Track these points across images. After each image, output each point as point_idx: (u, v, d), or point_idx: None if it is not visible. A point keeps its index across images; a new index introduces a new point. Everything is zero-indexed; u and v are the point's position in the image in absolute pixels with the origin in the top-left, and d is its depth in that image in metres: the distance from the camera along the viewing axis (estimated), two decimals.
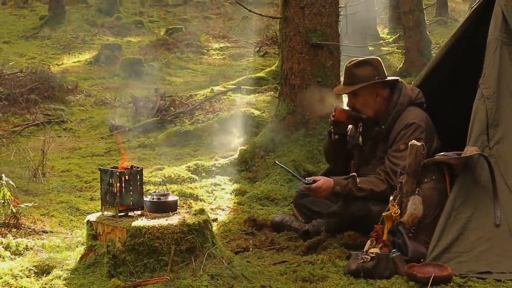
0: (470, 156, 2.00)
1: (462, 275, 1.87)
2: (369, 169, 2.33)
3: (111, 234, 1.86)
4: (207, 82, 6.46)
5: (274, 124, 3.38)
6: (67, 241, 2.31)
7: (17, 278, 1.86)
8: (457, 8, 12.00)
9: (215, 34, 9.89)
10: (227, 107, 4.96)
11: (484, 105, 2.09)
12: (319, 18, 3.25)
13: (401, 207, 2.00)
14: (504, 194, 2.01)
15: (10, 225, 2.39)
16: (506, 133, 2.08)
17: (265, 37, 8.68)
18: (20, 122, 4.90)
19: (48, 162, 3.52)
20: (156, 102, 5.11)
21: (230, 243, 2.32)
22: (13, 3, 12.75)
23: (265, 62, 7.52)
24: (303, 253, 2.20)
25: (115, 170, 1.94)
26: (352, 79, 2.29)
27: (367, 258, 1.90)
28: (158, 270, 1.80)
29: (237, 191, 3.06)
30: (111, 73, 6.84)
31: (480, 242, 1.93)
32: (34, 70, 5.96)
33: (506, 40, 2.17)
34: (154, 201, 1.96)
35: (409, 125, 2.23)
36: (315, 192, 2.26)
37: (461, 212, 1.97)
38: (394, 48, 8.12)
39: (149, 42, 8.84)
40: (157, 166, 3.55)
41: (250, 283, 1.83)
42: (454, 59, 2.45)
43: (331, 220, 2.30)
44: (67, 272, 1.88)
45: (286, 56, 3.35)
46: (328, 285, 1.87)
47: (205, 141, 4.16)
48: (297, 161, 3.13)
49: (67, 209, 2.80)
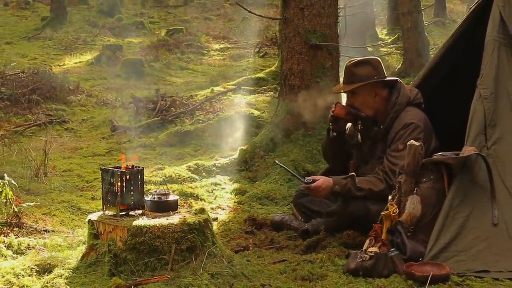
0: (468, 156, 2.02)
1: (460, 274, 1.88)
2: (368, 168, 2.34)
3: (112, 233, 1.87)
4: (208, 82, 6.48)
5: (273, 124, 3.40)
6: (68, 240, 2.32)
7: (19, 277, 1.87)
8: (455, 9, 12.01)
9: (215, 35, 9.91)
10: (227, 107, 4.98)
11: (482, 105, 2.11)
12: (319, 19, 3.26)
13: (399, 207, 2.02)
14: (501, 194, 2.02)
15: (12, 224, 2.41)
16: (503, 133, 2.09)
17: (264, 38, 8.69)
18: (22, 122, 4.92)
19: (49, 162, 3.54)
20: (156, 102, 5.14)
21: (230, 242, 2.34)
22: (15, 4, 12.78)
23: (264, 62, 7.53)
24: (302, 252, 2.21)
25: (116, 169, 1.95)
26: (351, 78, 2.31)
27: (366, 257, 1.91)
28: (159, 269, 1.81)
29: (237, 190, 3.07)
30: (112, 73, 6.86)
31: (477, 241, 1.94)
32: (36, 71, 5.99)
33: (503, 41, 2.19)
34: (155, 200, 1.98)
35: (407, 125, 2.24)
36: (314, 191, 2.28)
37: (459, 212, 1.98)
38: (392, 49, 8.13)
39: (150, 43, 8.86)
40: (158, 165, 3.57)
41: (250, 282, 1.85)
42: (452, 60, 2.46)
43: (330, 219, 2.31)
44: (69, 271, 1.89)
45: (286, 57, 3.37)
46: (327, 283, 1.88)
47: (206, 141, 4.18)
48: (297, 161, 3.14)
49: (69, 208, 2.82)
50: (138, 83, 6.51)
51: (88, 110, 5.44)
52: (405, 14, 6.36)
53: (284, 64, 3.40)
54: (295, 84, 3.31)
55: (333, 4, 3.33)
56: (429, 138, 2.27)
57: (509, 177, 2.04)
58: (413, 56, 6.28)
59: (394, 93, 2.32)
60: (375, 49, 7.75)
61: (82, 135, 4.75)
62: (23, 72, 5.98)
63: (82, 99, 5.71)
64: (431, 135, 2.29)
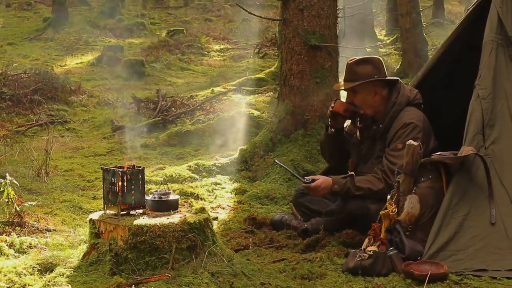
0: (466, 156, 2.03)
1: (458, 273, 1.90)
2: (367, 167, 2.35)
3: (113, 233, 1.88)
4: (208, 83, 6.49)
5: (273, 124, 3.41)
6: (70, 239, 2.34)
7: (20, 275, 1.88)
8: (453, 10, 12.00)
9: (215, 35, 9.93)
10: (227, 107, 4.99)
11: (480, 105, 2.12)
12: (318, 20, 3.28)
13: (398, 206, 2.02)
14: (499, 193, 2.03)
15: (14, 223, 2.42)
16: (501, 133, 2.10)
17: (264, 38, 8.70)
18: (24, 122, 4.93)
19: (51, 161, 3.55)
20: (157, 102, 5.15)
21: (230, 241, 2.35)
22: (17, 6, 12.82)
23: (264, 63, 7.54)
24: (302, 251, 2.22)
25: (118, 169, 1.97)
26: (352, 76, 2.32)
27: (365, 256, 1.93)
28: (160, 268, 1.82)
29: (237, 190, 3.09)
30: (113, 74, 6.88)
31: (476, 240, 1.95)
32: (38, 71, 6.00)
33: (501, 42, 2.20)
34: (156, 200, 1.99)
35: (406, 124, 2.26)
36: (314, 191, 2.29)
37: (457, 211, 1.99)
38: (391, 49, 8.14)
39: (150, 43, 8.88)
40: (159, 165, 3.58)
41: (250, 281, 1.86)
42: (451, 61, 2.47)
43: (330, 218, 2.32)
44: (70, 269, 1.91)
45: (285, 58, 3.38)
46: (326, 282, 1.89)
47: (206, 141, 4.19)
48: (296, 160, 3.15)
49: (70, 207, 2.83)
50: (139, 83, 6.54)
51: (89, 110, 5.46)
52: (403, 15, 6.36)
53: (283, 64, 3.41)
54: (295, 85, 3.32)
55: (332, 5, 3.34)
56: (428, 138, 2.28)
57: (506, 177, 2.05)
58: (412, 56, 6.28)
59: (394, 92, 2.33)
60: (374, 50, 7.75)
61: (84, 135, 4.77)
62: (25, 72, 6.00)
63: (84, 99, 5.73)
64: (430, 135, 2.30)
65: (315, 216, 2.40)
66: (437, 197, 2.04)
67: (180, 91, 5.96)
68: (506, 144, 2.10)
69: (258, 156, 3.33)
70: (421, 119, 2.29)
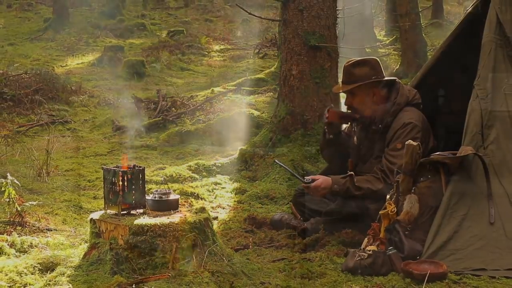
0: (465, 156, 2.04)
1: (457, 272, 1.90)
2: (366, 167, 2.36)
3: (114, 232, 1.89)
4: (208, 83, 6.51)
5: (273, 124, 3.42)
6: (70, 239, 2.34)
7: (21, 275, 1.89)
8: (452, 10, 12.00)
9: (215, 36, 9.95)
10: (227, 107, 5.00)
11: (479, 105, 2.12)
12: (317, 20, 3.29)
13: (397, 206, 2.03)
14: (498, 193, 2.03)
15: (15, 223, 2.43)
16: (500, 133, 2.11)
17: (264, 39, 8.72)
18: (25, 123, 4.95)
19: (52, 161, 3.56)
20: (157, 102, 5.17)
21: (230, 241, 2.36)
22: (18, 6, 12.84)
23: (264, 63, 7.56)
24: (301, 250, 2.23)
25: (118, 169, 1.98)
26: (350, 78, 2.33)
27: (364, 255, 1.93)
28: (160, 267, 1.83)
29: (237, 190, 3.10)
30: (113, 74, 6.89)
31: (474, 239, 1.96)
32: (39, 72, 6.02)
33: (500, 42, 2.20)
34: (156, 199, 2.00)
35: (405, 124, 2.26)
36: (313, 191, 2.30)
37: (456, 211, 2.00)
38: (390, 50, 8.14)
39: (151, 44, 8.90)
40: (159, 165, 3.60)
41: (250, 280, 1.87)
42: (450, 61, 2.48)
43: (329, 218, 2.33)
44: (71, 269, 1.91)
45: (285, 58, 3.39)
46: (326, 281, 1.90)
47: (206, 141, 4.21)
48: (296, 160, 3.16)
49: (71, 207, 2.84)
50: (139, 83, 6.55)
51: (90, 111, 5.47)
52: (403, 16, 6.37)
53: (283, 65, 3.42)
54: (295, 85, 3.33)
55: (331, 6, 3.35)
56: (427, 138, 2.29)
57: (505, 177, 2.06)
58: (411, 57, 6.29)
59: (392, 93, 2.34)
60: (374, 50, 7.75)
61: (84, 135, 4.78)
62: (26, 73, 6.01)
63: (84, 99, 5.75)
64: (429, 135, 2.31)
65: (315, 215, 2.41)
66: (436, 197, 2.05)
67: (180, 91, 5.97)
68: (505, 144, 2.11)
69: (258, 156, 3.34)
70: (420, 119, 2.29)
